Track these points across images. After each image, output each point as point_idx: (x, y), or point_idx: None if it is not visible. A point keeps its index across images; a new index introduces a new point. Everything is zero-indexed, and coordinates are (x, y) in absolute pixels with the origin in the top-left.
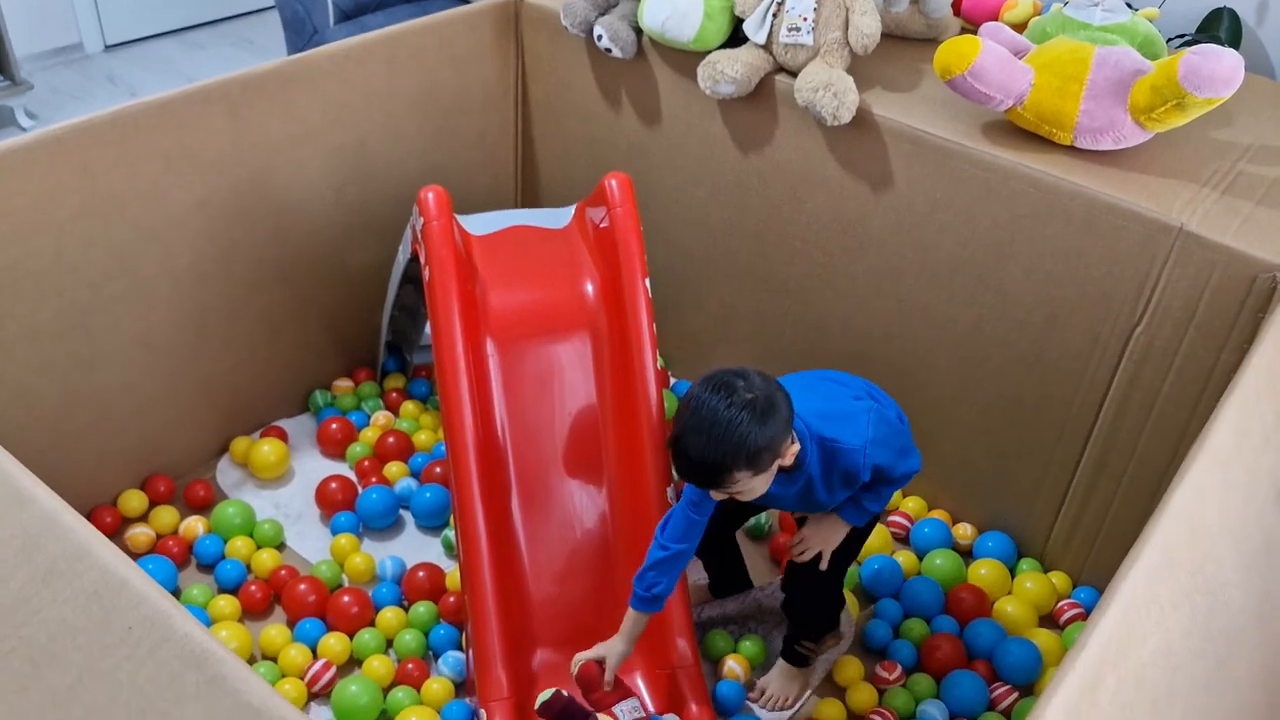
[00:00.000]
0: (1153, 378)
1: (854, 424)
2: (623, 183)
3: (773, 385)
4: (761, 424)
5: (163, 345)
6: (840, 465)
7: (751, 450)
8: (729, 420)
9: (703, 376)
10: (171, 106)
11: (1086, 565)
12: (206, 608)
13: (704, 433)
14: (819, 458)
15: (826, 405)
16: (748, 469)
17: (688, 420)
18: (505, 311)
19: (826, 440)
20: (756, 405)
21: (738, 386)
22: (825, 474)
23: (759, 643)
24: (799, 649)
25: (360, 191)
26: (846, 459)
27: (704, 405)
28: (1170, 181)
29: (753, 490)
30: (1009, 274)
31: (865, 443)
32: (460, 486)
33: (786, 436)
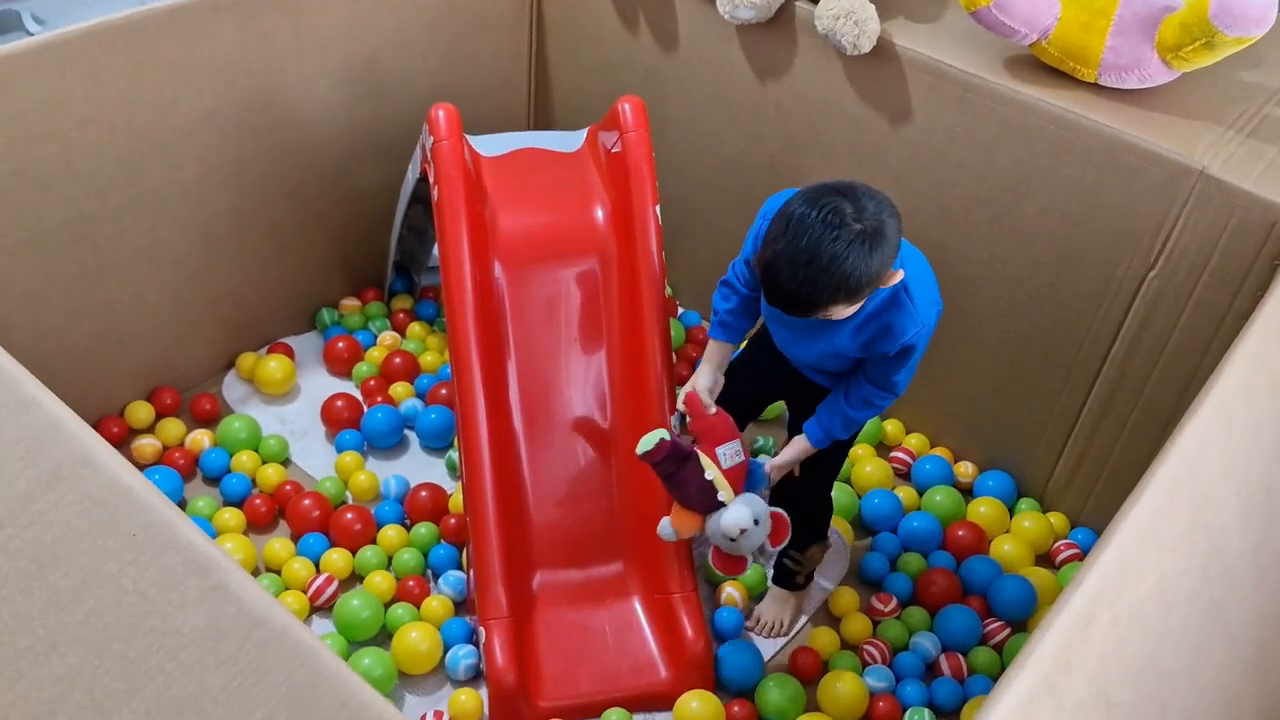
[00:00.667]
0: (1164, 322)
1: (927, 304)
2: (636, 107)
3: (885, 207)
4: (869, 257)
5: (170, 258)
6: (888, 320)
7: (854, 285)
8: (833, 255)
9: (804, 190)
10: (180, 14)
11: (1086, 507)
12: (211, 520)
13: (804, 265)
14: (887, 297)
15: (923, 273)
16: (845, 302)
17: (784, 245)
18: (514, 234)
19: (904, 292)
20: (866, 236)
21: (846, 213)
22: (873, 316)
23: (758, 570)
24: (786, 562)
25: (370, 108)
26: (900, 318)
27: (807, 232)
28: (1194, 123)
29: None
30: (1025, 212)
31: (923, 326)
32: (464, 409)
33: (890, 264)
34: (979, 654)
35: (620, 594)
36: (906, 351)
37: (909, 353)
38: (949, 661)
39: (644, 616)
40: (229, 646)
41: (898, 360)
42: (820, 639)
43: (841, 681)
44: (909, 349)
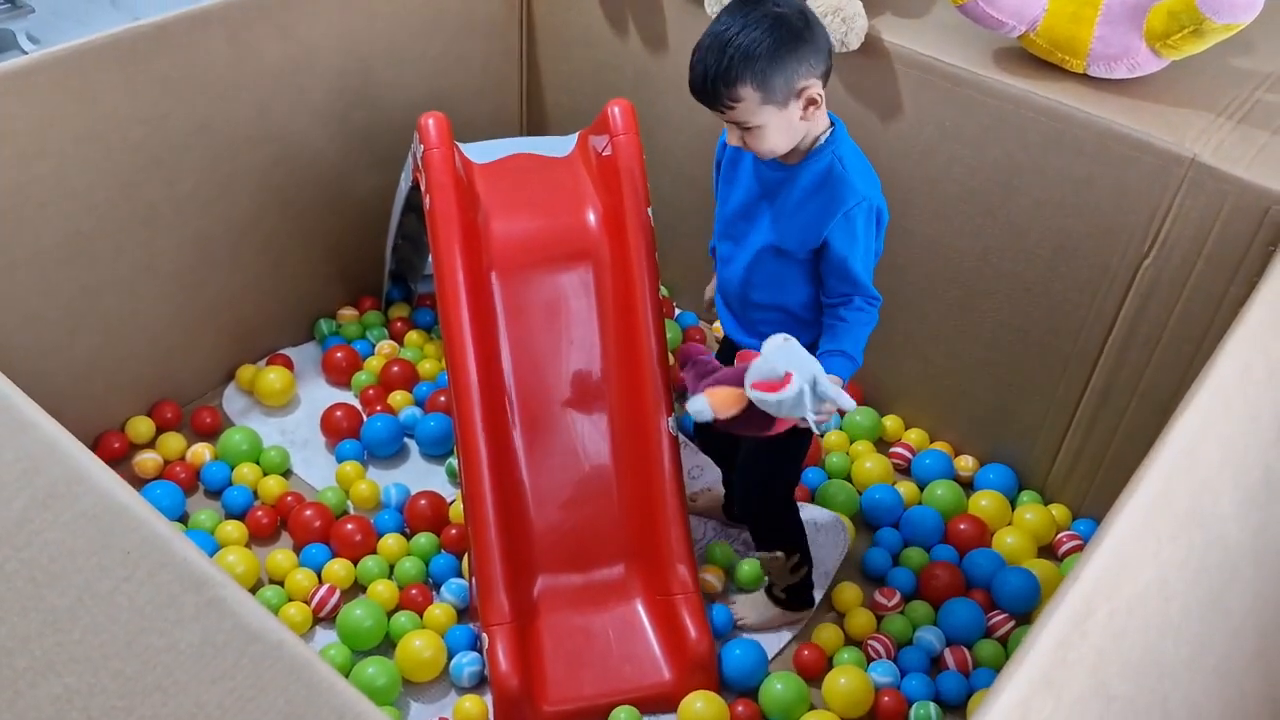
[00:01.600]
0: (1159, 310)
1: (865, 180)
2: (625, 110)
3: (813, 19)
4: (781, 42)
5: (167, 272)
6: (826, 194)
7: (762, 66)
8: (742, 27)
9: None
10: (170, 29)
11: (1087, 498)
12: (214, 533)
13: (714, 41)
14: (824, 167)
15: (861, 160)
16: (754, 84)
17: (707, 32)
18: (507, 240)
19: (839, 160)
20: (780, 21)
21: (765, 1)
22: (814, 188)
23: (725, 547)
24: (763, 570)
25: (364, 117)
26: (839, 188)
27: (726, 16)
28: (1184, 111)
29: (762, 132)
30: (1018, 204)
31: (864, 199)
32: (462, 415)
33: (810, 76)
34: (983, 647)
35: (622, 596)
36: (851, 229)
37: (853, 230)
38: (954, 655)
39: (646, 618)
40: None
41: (844, 244)
42: (824, 635)
43: (846, 677)
44: (852, 225)
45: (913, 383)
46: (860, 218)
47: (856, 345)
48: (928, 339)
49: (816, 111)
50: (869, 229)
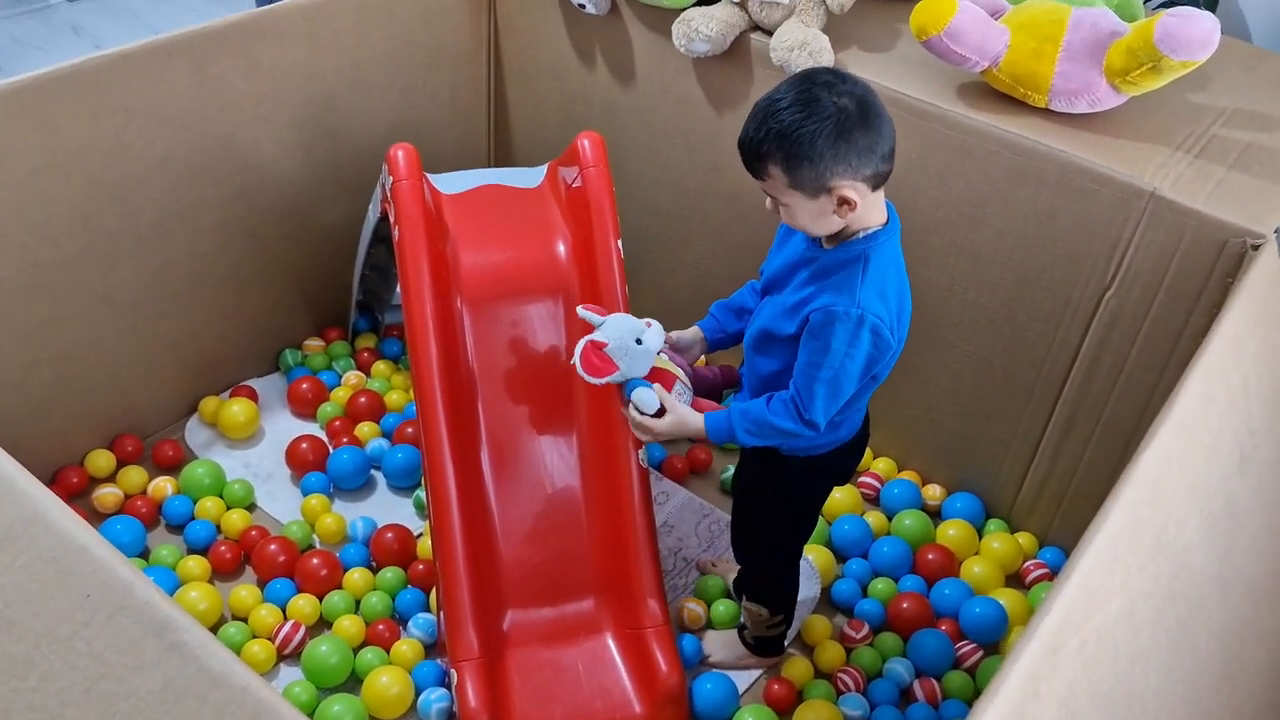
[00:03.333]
0: (1121, 341)
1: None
2: (595, 142)
3: (876, 118)
4: (820, 131)
5: (128, 304)
6: (831, 282)
7: (792, 144)
8: (791, 102)
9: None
10: (132, 59)
11: (1053, 526)
12: (176, 568)
13: (764, 101)
14: (847, 259)
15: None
16: (781, 163)
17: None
18: (476, 271)
19: (864, 263)
20: (836, 115)
21: (825, 84)
22: (825, 273)
23: (718, 582)
24: (742, 613)
25: (329, 148)
26: (842, 286)
27: (790, 80)
28: (1144, 145)
29: (790, 211)
30: (982, 236)
31: (858, 310)
32: (430, 447)
33: (848, 178)
34: (952, 678)
35: (592, 630)
36: (823, 333)
37: (825, 335)
38: (923, 687)
39: (617, 652)
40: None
41: (811, 340)
42: (794, 668)
43: (816, 711)
44: (829, 328)
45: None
46: (840, 328)
47: (745, 421)
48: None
49: (851, 213)
50: (850, 346)
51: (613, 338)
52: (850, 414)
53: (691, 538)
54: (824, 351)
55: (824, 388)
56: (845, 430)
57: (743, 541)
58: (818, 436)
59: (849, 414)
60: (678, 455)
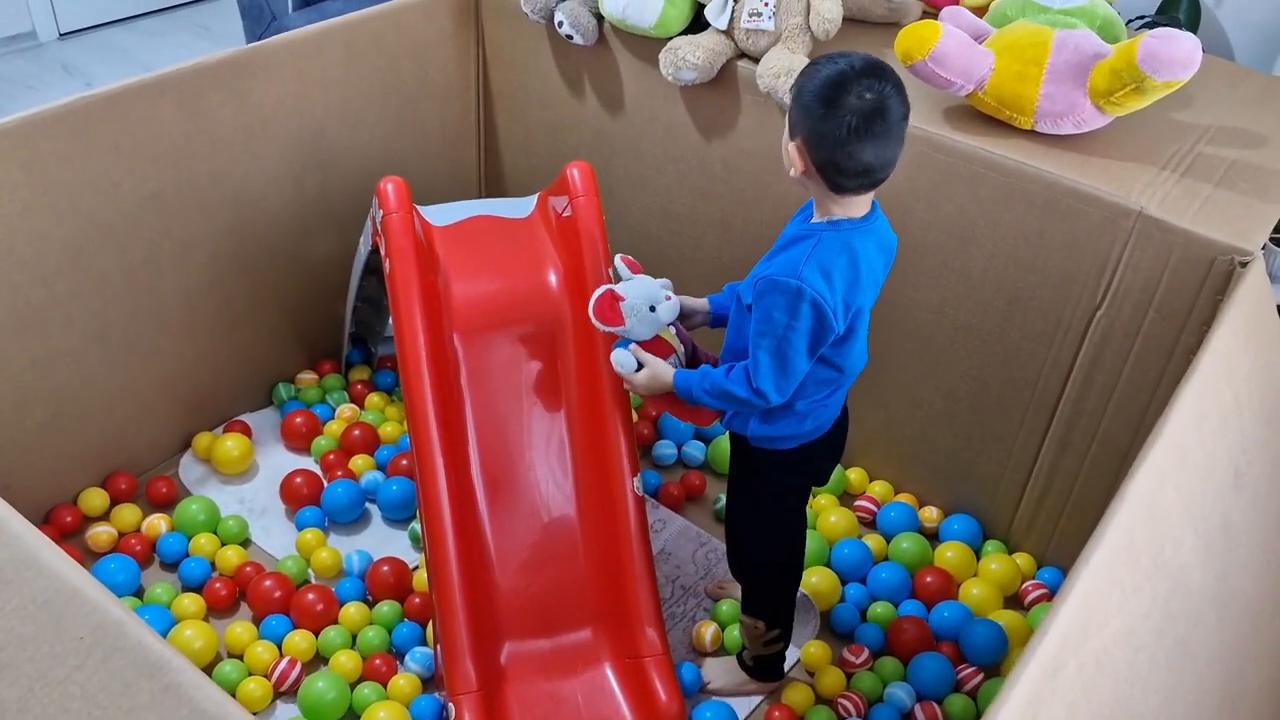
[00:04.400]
0: (1113, 359)
1: (816, 270)
2: (584, 171)
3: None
4: (804, 84)
5: (120, 341)
6: (780, 256)
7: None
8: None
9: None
10: (122, 98)
11: (1050, 546)
12: (170, 606)
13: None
14: (798, 233)
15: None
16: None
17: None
18: (468, 302)
19: (811, 239)
20: (821, 76)
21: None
22: (784, 245)
23: (735, 606)
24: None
25: (320, 182)
26: (786, 259)
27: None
28: (1130, 165)
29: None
30: (972, 257)
31: (797, 281)
32: (424, 479)
33: (797, 134)
34: (953, 701)
35: (591, 661)
36: (767, 302)
37: (769, 307)
38: (924, 711)
39: (616, 682)
40: None
41: (757, 311)
42: (794, 695)
43: None
44: (769, 295)
45: (875, 435)
46: (780, 297)
47: (704, 382)
48: (888, 391)
49: (796, 173)
50: (790, 317)
51: (631, 295)
52: (815, 407)
53: (689, 565)
54: (766, 320)
55: (767, 356)
56: (811, 425)
57: (732, 549)
58: (780, 425)
59: (813, 406)
60: (673, 482)
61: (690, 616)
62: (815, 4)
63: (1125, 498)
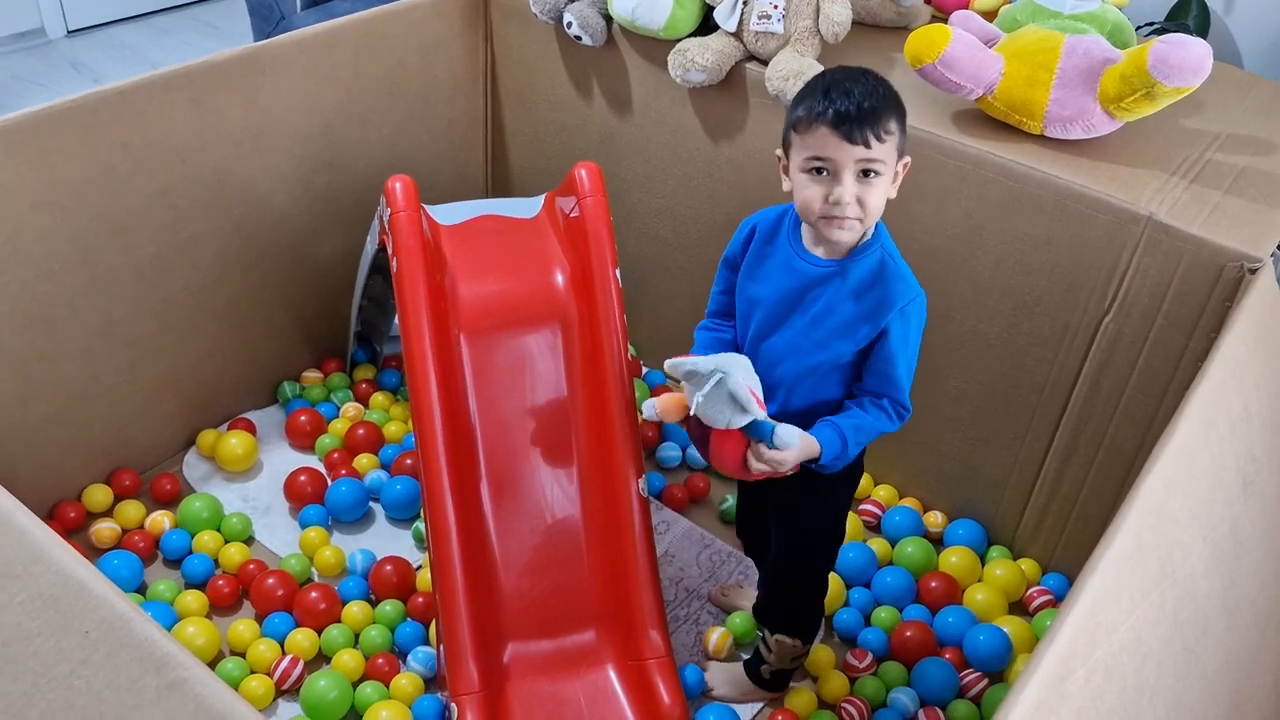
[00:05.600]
0: (1121, 366)
1: (912, 276)
2: (592, 172)
3: None
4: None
5: (126, 338)
6: (883, 288)
7: (901, 107)
8: (868, 70)
9: None
10: (131, 95)
11: (1056, 552)
12: (173, 603)
13: (861, 78)
14: (876, 263)
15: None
16: (898, 124)
17: (837, 73)
18: (474, 302)
19: (890, 257)
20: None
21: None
22: (867, 284)
23: (746, 620)
24: (759, 645)
25: (327, 181)
26: (895, 282)
27: (826, 72)
28: (1139, 170)
29: (880, 182)
30: (979, 262)
31: (918, 295)
32: (429, 479)
33: (905, 147)
34: (957, 707)
35: (594, 663)
36: (906, 326)
37: (907, 328)
38: (928, 716)
39: (619, 685)
40: None
41: (898, 342)
42: (797, 699)
43: None
44: (907, 322)
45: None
46: (914, 315)
47: (857, 434)
48: None
49: (895, 187)
50: (920, 325)
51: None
52: None
53: (693, 568)
54: (906, 342)
55: (909, 374)
56: None
57: (784, 574)
58: None
59: None
60: (677, 484)
61: (694, 619)
62: (825, 7)
63: (1133, 504)
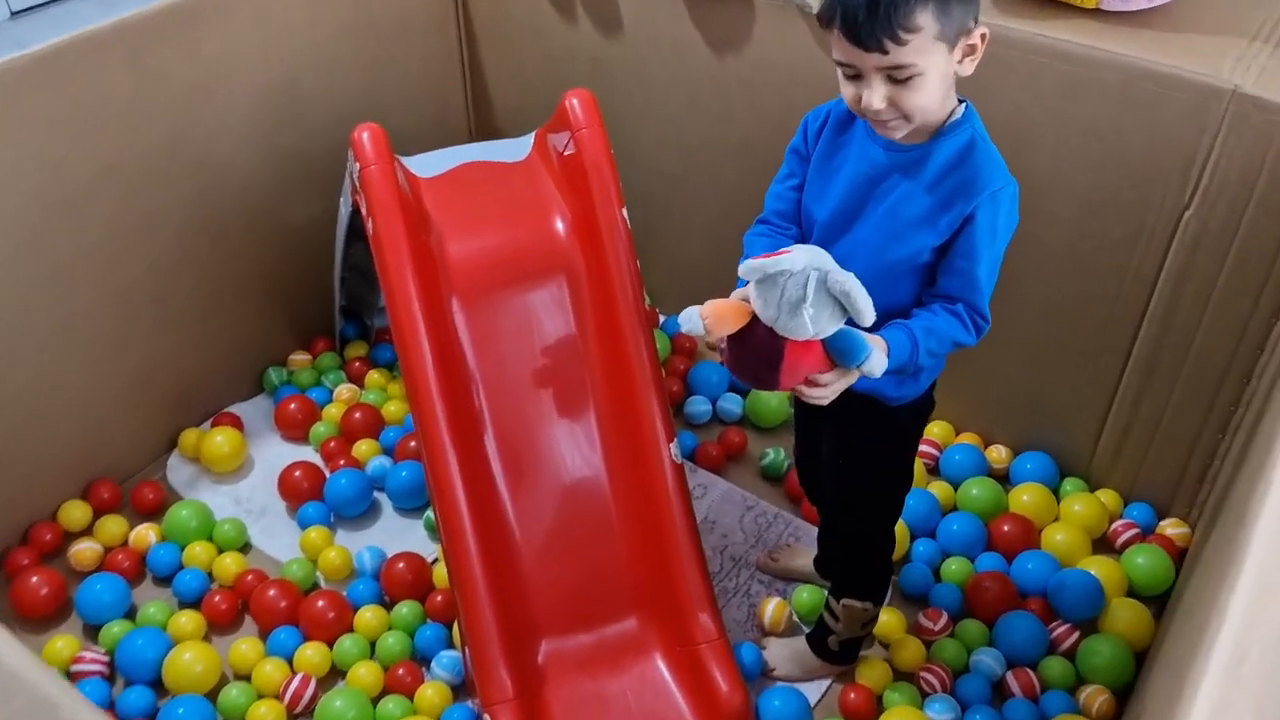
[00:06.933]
0: (1207, 265)
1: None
2: (585, 101)
3: None
4: None
5: (86, 334)
6: (968, 169)
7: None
8: None
9: None
10: (58, 58)
11: (1139, 480)
12: (166, 627)
13: None
14: (964, 143)
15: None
16: (934, 14)
17: None
18: (466, 260)
19: (982, 138)
20: None
21: None
22: (953, 165)
23: (815, 592)
24: (825, 615)
25: (294, 138)
26: (984, 164)
27: None
28: (1216, 38)
29: (923, 82)
30: (1035, 162)
31: (1009, 183)
32: (433, 463)
33: (974, 15)
34: (1050, 665)
35: (639, 653)
36: (994, 214)
37: (995, 216)
38: (1018, 679)
39: (669, 674)
40: None
41: (984, 233)
42: (870, 672)
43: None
44: (996, 210)
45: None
46: (1005, 205)
47: (929, 339)
48: None
49: (972, 63)
50: (1010, 222)
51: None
52: None
53: (736, 533)
54: (991, 235)
55: (989, 276)
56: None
57: (843, 523)
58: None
59: None
60: (710, 442)
61: (743, 591)
62: None
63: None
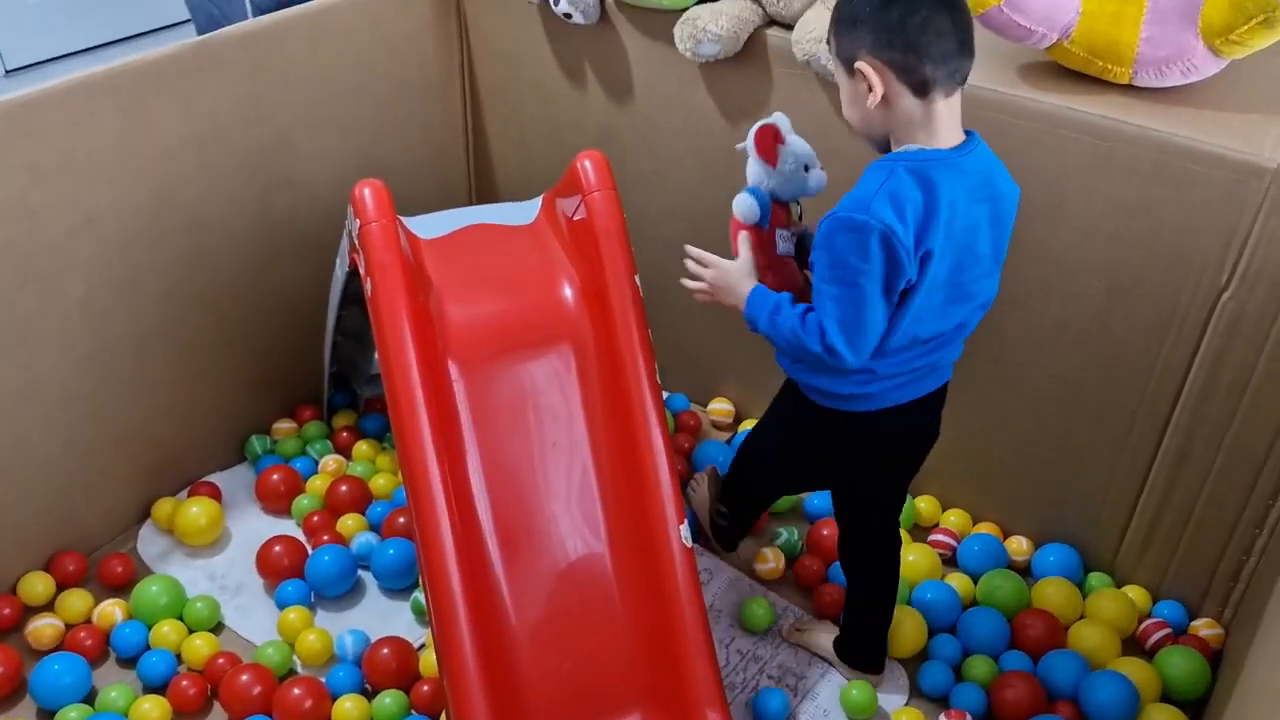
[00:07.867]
0: (1245, 351)
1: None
2: (598, 162)
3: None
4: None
5: (58, 397)
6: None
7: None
8: None
9: None
10: (37, 106)
11: (1168, 575)
12: (128, 714)
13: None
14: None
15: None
16: (831, 31)
17: None
18: (467, 326)
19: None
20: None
21: None
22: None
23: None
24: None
25: (287, 199)
26: (847, 196)
27: None
28: (1254, 116)
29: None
30: (1063, 240)
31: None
32: (426, 540)
33: (862, 48)
34: None
35: None
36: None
37: (826, 241)
38: None
39: None
40: None
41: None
42: None
43: None
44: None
45: (947, 456)
46: (839, 229)
47: (781, 318)
48: (963, 403)
49: (879, 105)
50: (861, 260)
51: (794, 144)
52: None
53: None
54: (835, 266)
55: (837, 308)
56: (875, 397)
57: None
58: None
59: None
60: None
61: (751, 686)
62: None
63: None
